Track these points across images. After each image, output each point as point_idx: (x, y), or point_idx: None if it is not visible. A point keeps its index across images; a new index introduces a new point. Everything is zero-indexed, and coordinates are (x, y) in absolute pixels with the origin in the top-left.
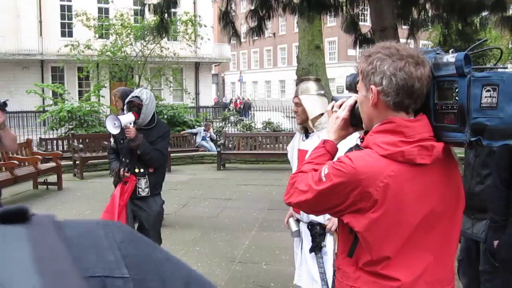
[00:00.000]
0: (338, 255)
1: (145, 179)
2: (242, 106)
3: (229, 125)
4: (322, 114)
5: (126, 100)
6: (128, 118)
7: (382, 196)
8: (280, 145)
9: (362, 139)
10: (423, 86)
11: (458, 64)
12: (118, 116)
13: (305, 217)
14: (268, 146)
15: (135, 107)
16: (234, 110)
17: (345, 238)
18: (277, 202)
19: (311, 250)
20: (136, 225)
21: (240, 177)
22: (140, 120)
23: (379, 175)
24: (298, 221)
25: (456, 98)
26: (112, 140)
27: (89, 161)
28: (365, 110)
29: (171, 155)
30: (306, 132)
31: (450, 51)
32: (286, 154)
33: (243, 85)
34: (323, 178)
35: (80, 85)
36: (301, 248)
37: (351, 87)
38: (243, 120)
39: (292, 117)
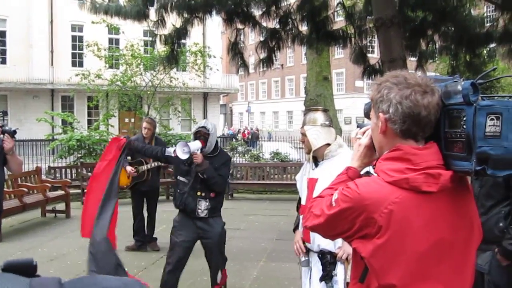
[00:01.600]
0: (350, 280)
1: (206, 202)
2: (250, 137)
3: (237, 155)
4: (329, 144)
5: (194, 130)
6: (196, 145)
7: (386, 222)
8: (288, 175)
9: (374, 166)
10: (430, 114)
11: (464, 92)
12: (188, 143)
13: (315, 246)
14: (276, 176)
15: (202, 136)
16: (242, 140)
17: (357, 263)
18: (285, 232)
19: (321, 279)
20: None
21: (248, 207)
22: (206, 148)
23: (384, 201)
24: (308, 251)
25: (464, 126)
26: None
27: None
28: (376, 137)
29: None
30: (316, 161)
31: (461, 79)
32: (294, 185)
33: (251, 115)
34: (333, 203)
35: (89, 114)
36: (310, 278)
37: (368, 115)
38: (251, 150)
39: (300, 148)
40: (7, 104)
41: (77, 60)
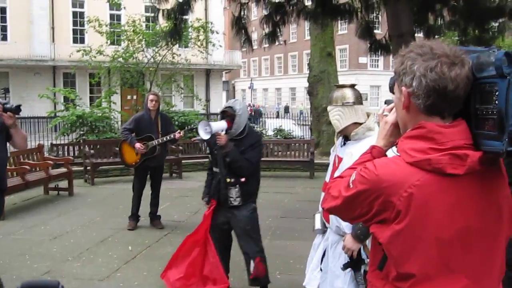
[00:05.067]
0: (368, 267)
1: (236, 189)
2: (253, 113)
3: None
4: (356, 124)
5: (220, 110)
6: (220, 125)
7: (405, 207)
8: (292, 152)
9: (396, 145)
10: (458, 88)
11: (497, 63)
12: (210, 123)
13: (334, 227)
14: (279, 153)
15: (228, 116)
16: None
17: (376, 250)
18: (289, 210)
19: (346, 266)
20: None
21: None
22: (232, 130)
23: (403, 184)
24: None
25: (496, 102)
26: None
27: (100, 167)
28: (399, 113)
29: (182, 161)
30: (346, 139)
31: (497, 50)
32: (298, 162)
33: (253, 92)
34: (350, 184)
35: (91, 91)
36: (323, 256)
37: (392, 89)
38: (254, 127)
39: (303, 125)
40: (9, 81)
41: (78, 36)
